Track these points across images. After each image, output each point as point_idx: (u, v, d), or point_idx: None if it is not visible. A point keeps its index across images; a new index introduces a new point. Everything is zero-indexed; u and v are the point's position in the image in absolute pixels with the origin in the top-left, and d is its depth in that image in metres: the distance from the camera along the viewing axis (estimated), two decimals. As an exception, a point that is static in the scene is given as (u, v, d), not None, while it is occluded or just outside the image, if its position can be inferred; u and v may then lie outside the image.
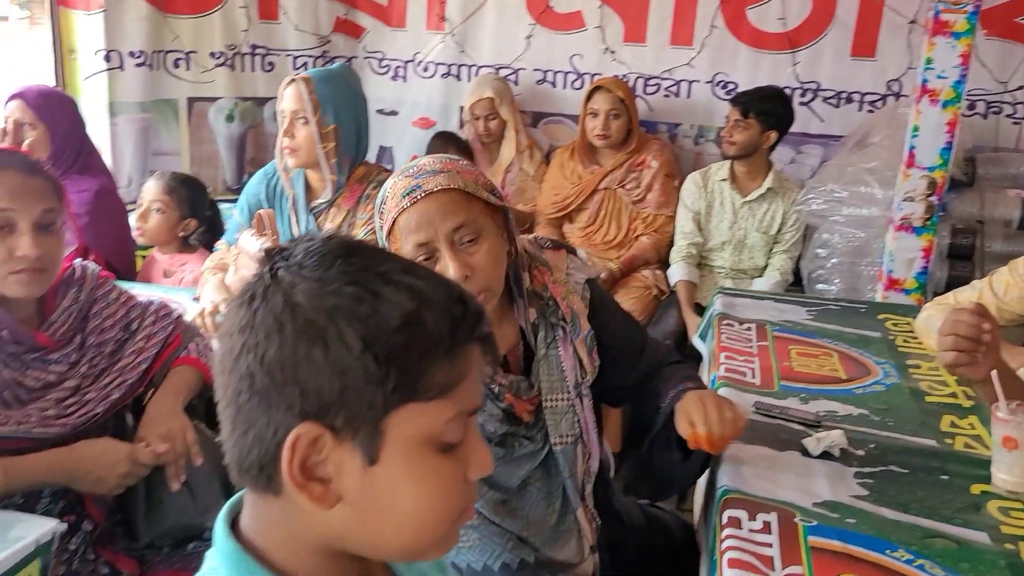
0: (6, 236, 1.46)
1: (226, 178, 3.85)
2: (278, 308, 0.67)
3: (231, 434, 0.71)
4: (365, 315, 0.66)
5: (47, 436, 1.49)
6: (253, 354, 0.67)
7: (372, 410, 0.67)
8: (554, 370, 1.43)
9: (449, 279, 0.74)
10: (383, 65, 3.96)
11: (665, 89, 3.64)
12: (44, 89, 2.69)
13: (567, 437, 1.44)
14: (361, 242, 0.74)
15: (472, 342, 0.72)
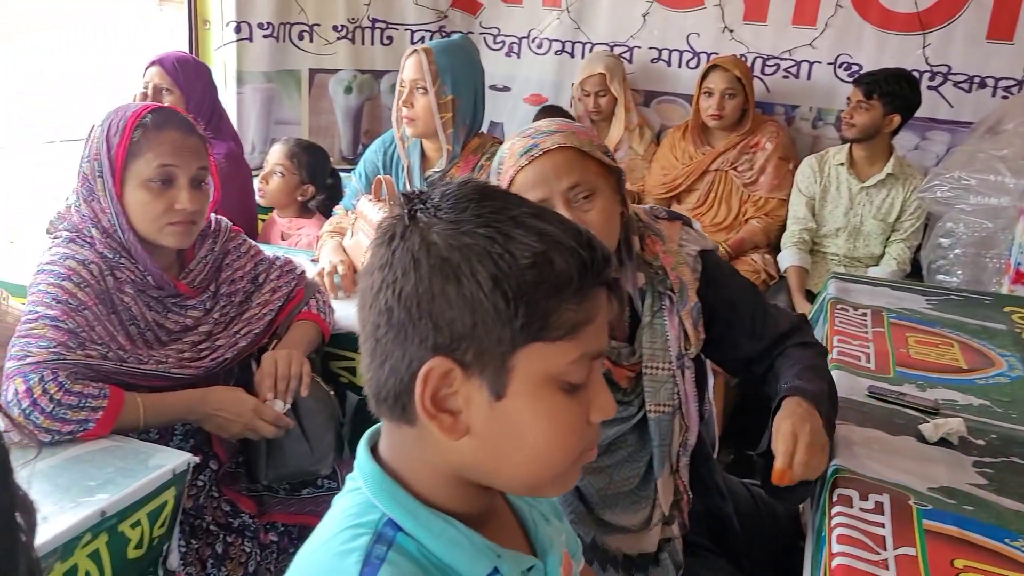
0: (166, 190, 1.56)
1: (342, 148, 3.97)
2: (415, 247, 0.71)
3: (369, 366, 0.75)
4: (496, 254, 0.69)
5: (182, 377, 1.60)
6: (391, 290, 0.71)
7: (500, 346, 0.70)
8: (658, 338, 1.44)
9: (577, 225, 0.76)
10: (498, 41, 3.99)
11: (784, 70, 3.54)
12: (181, 56, 2.83)
13: (664, 407, 1.45)
14: (494, 187, 0.77)
15: (600, 286, 0.73)
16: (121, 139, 1.53)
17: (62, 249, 1.53)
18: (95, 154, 1.55)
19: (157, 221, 1.57)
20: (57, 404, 1.36)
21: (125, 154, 1.53)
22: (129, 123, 1.54)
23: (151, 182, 1.55)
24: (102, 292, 1.52)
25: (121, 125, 1.54)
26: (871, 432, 1.49)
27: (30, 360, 1.38)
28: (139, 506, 1.30)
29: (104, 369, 1.46)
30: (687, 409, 1.48)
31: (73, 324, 1.43)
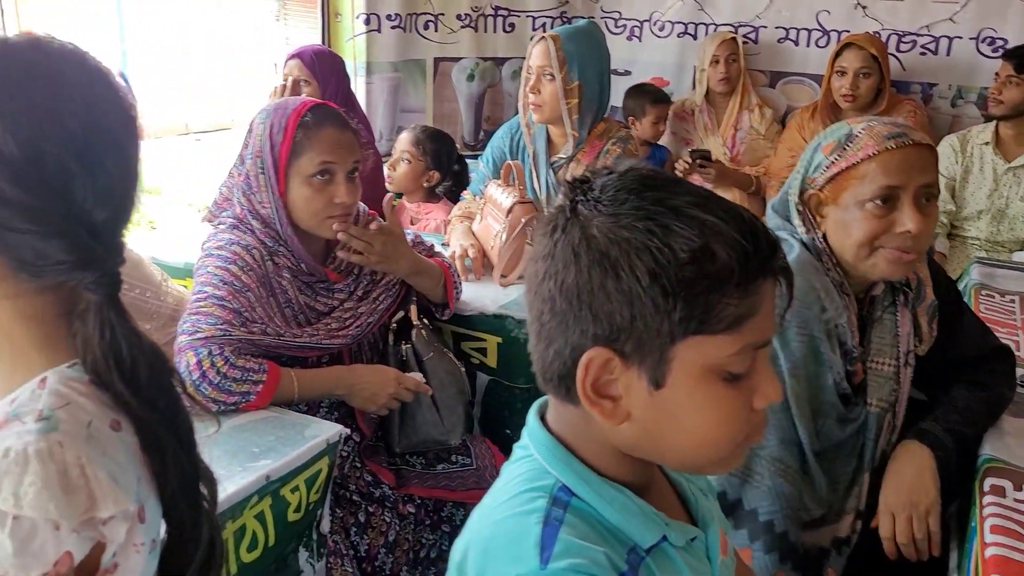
0: (326, 185, 1.65)
1: (464, 135, 4.05)
2: (575, 239, 0.72)
3: (535, 347, 0.78)
4: (655, 248, 0.69)
5: (332, 346, 1.70)
6: (553, 280, 0.73)
7: (659, 339, 0.70)
8: (887, 333, 1.40)
9: (742, 212, 0.74)
10: (619, 25, 3.98)
11: (921, 46, 3.39)
12: (318, 49, 2.96)
13: (883, 403, 1.40)
14: (655, 175, 0.76)
15: (765, 276, 0.72)
16: (284, 138, 1.62)
17: (227, 235, 1.64)
18: (258, 151, 1.64)
19: (318, 215, 1.66)
20: (223, 377, 1.47)
21: (288, 152, 1.63)
22: (291, 122, 1.63)
23: (313, 178, 1.64)
24: (263, 276, 1.62)
25: (283, 124, 1.63)
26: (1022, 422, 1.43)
27: (200, 335, 1.49)
28: (297, 472, 1.39)
29: (264, 344, 1.56)
30: (899, 408, 1.43)
31: (237, 304, 1.54)
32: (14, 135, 0.70)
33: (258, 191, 1.66)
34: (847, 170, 1.29)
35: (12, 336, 0.77)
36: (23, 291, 0.76)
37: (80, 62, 0.76)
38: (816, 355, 1.31)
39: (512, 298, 2.10)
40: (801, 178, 1.36)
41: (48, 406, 0.72)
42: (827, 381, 1.33)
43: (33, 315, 0.77)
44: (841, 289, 1.34)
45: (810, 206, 1.35)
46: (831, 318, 1.31)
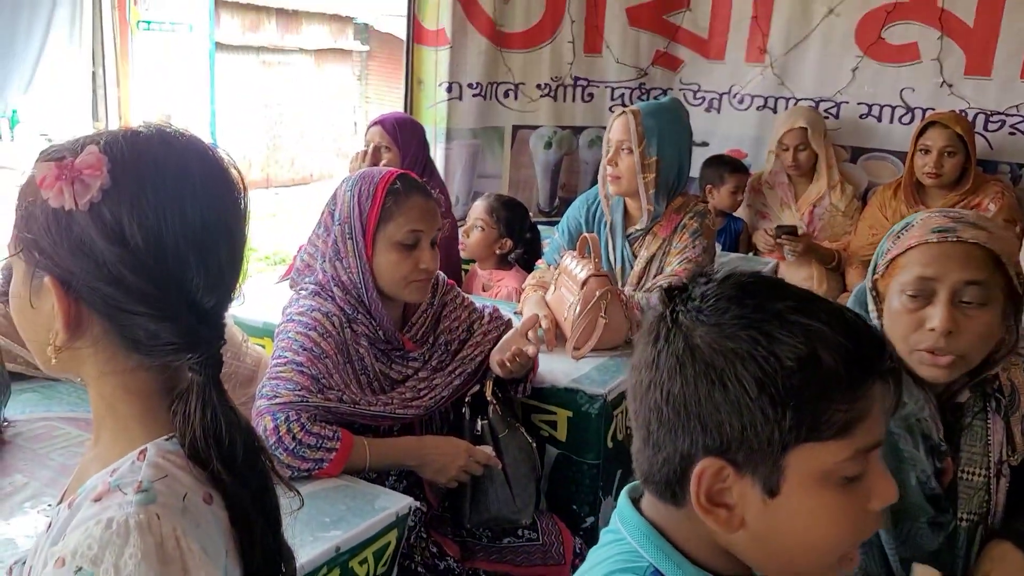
0: (412, 251, 1.71)
1: (539, 201, 4.09)
2: (680, 350, 0.73)
3: (642, 451, 0.78)
4: (761, 357, 0.69)
5: (406, 416, 1.71)
6: (660, 391, 0.74)
7: (771, 448, 0.70)
8: (977, 442, 1.34)
9: (846, 314, 0.73)
10: (698, 97, 4.00)
11: (1011, 126, 3.32)
12: (399, 117, 3.04)
13: (974, 515, 1.33)
14: (754, 281, 0.76)
15: (873, 378, 0.72)
16: (373, 204, 1.68)
17: (308, 301, 1.68)
18: (346, 217, 1.69)
19: (405, 279, 1.71)
20: (299, 443, 1.48)
21: (377, 218, 1.68)
22: (380, 189, 1.69)
23: (400, 244, 1.70)
24: (341, 343, 1.65)
25: (372, 191, 1.68)
26: None
27: (279, 400, 1.52)
28: (367, 544, 1.38)
29: (339, 411, 1.58)
30: (993, 520, 1.35)
31: (316, 371, 1.57)
32: (140, 225, 0.73)
33: (345, 256, 1.70)
34: (896, 258, 1.27)
35: (116, 409, 0.80)
36: (131, 368, 0.78)
37: (201, 154, 0.80)
38: (895, 451, 1.25)
39: (584, 372, 2.08)
40: (873, 264, 1.34)
41: (147, 478, 0.74)
42: (910, 480, 1.27)
43: (138, 390, 0.79)
44: (920, 385, 1.28)
45: (876, 292, 1.32)
46: (910, 412, 1.26)
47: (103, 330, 0.77)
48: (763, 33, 3.73)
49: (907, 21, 3.43)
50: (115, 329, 0.76)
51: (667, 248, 2.43)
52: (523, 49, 3.82)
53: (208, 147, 0.81)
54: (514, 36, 3.79)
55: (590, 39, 3.92)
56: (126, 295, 0.74)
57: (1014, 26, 3.24)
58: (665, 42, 3.97)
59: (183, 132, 0.80)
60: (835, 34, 3.58)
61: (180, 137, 0.80)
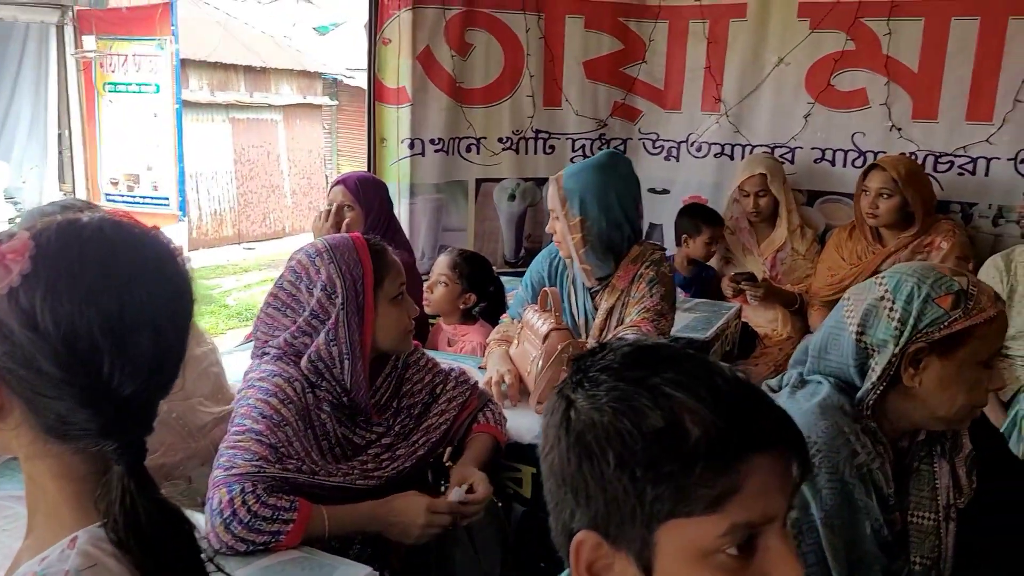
0: (403, 303, 1.77)
1: (505, 252, 4.12)
2: (558, 421, 0.74)
3: (549, 505, 0.78)
4: (625, 431, 0.69)
5: (366, 487, 1.69)
6: (547, 461, 0.76)
7: (638, 524, 0.69)
8: (925, 486, 1.37)
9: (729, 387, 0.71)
10: (656, 145, 4.08)
11: (959, 167, 3.41)
12: (362, 176, 3.07)
13: (926, 559, 1.35)
14: (651, 351, 0.75)
15: (749, 451, 0.69)
16: (365, 268, 1.70)
17: (270, 366, 1.67)
18: (337, 288, 1.68)
19: (405, 330, 1.78)
20: (254, 516, 1.47)
21: (373, 279, 1.71)
22: (363, 253, 1.72)
23: (396, 299, 1.75)
24: (302, 409, 1.64)
25: (357, 257, 1.71)
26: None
27: (235, 471, 1.50)
28: (326, 617, 1.37)
29: (297, 482, 1.57)
30: (945, 565, 1.37)
31: (275, 439, 1.56)
32: (52, 312, 0.74)
33: (334, 327, 1.68)
34: (970, 328, 1.27)
35: (47, 492, 0.80)
36: (57, 451, 0.79)
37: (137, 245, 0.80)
38: (850, 501, 1.27)
39: (548, 427, 2.08)
40: (909, 328, 1.28)
41: (75, 567, 0.74)
42: (865, 529, 1.28)
43: (67, 474, 0.79)
44: (875, 437, 1.30)
45: (908, 357, 1.30)
46: (863, 462, 1.28)
47: (22, 412, 0.77)
48: (717, 83, 3.82)
49: (855, 68, 3.54)
50: (33, 412, 0.77)
51: (626, 299, 2.45)
52: (484, 104, 3.89)
53: (150, 237, 0.82)
54: (474, 92, 3.86)
55: (549, 93, 4.00)
56: (39, 379, 0.75)
57: (956, 72, 3.34)
58: (623, 93, 4.06)
59: (133, 225, 0.81)
60: (786, 82, 3.68)
61: (118, 227, 0.80)
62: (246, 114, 11.49)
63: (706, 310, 3.15)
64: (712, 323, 2.97)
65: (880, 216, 3.21)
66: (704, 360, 0.75)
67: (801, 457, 0.72)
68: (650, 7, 3.93)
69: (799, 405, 1.32)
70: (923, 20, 3.38)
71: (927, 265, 1.35)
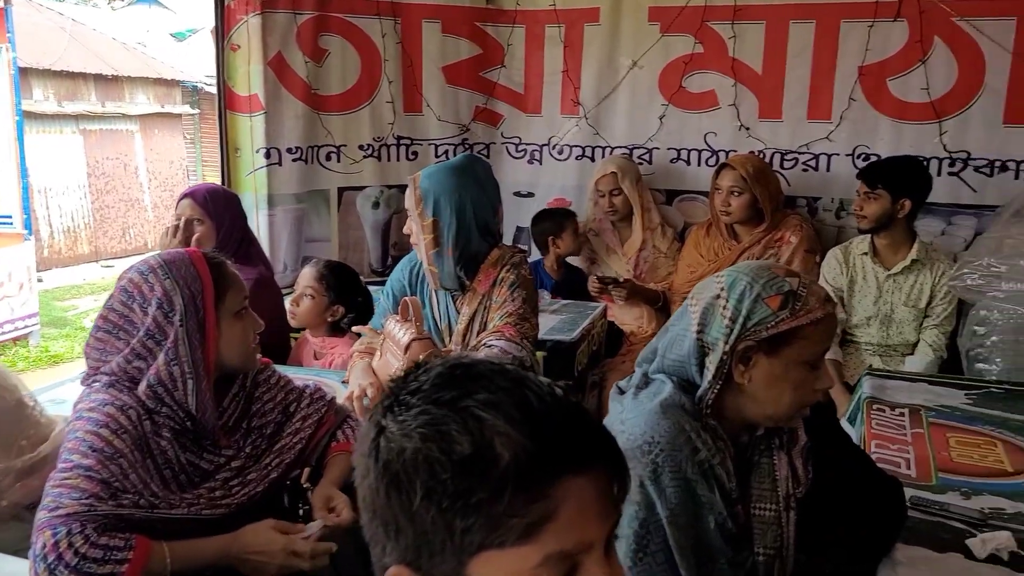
0: (247, 317, 1.69)
1: (371, 261, 4.05)
2: (367, 450, 0.69)
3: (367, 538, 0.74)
4: (433, 459, 0.65)
5: (213, 517, 1.59)
6: (359, 490, 0.71)
7: (449, 558, 0.65)
8: (765, 478, 1.39)
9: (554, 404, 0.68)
10: (519, 149, 4.10)
11: (803, 163, 3.58)
12: (211, 188, 2.93)
13: (769, 550, 1.37)
14: (464, 370, 0.71)
15: (560, 477, 0.66)
16: (204, 283, 1.60)
17: (101, 395, 1.55)
18: (172, 306, 1.58)
19: (250, 346, 1.69)
20: (82, 558, 1.35)
21: (214, 296, 1.61)
22: (202, 267, 1.62)
23: (239, 313, 1.66)
24: (139, 438, 1.53)
25: (194, 272, 1.60)
26: (917, 550, 1.43)
27: (61, 512, 1.39)
28: (167, 661, 1.28)
29: (135, 518, 1.46)
30: (787, 553, 1.39)
31: (107, 473, 1.45)
32: None
33: (173, 347, 1.57)
34: (795, 329, 1.30)
35: None
36: None
37: None
38: (694, 498, 1.29)
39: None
40: (739, 327, 1.31)
41: None
42: (709, 524, 1.31)
43: None
44: (715, 433, 1.33)
45: (738, 355, 1.32)
46: (705, 459, 1.30)
47: None
48: (575, 86, 3.88)
49: (704, 71, 3.66)
50: None
51: (487, 303, 2.42)
52: (342, 111, 3.81)
53: None
54: (331, 99, 3.77)
55: (409, 98, 3.95)
56: None
57: (796, 72, 3.51)
58: (484, 98, 4.06)
59: None
60: (641, 85, 3.77)
61: None
62: (99, 125, 10.90)
63: (572, 311, 3.18)
64: (578, 324, 3.00)
65: (732, 213, 3.33)
66: (519, 376, 0.71)
67: (621, 475, 0.70)
68: (507, 12, 3.95)
69: (642, 405, 1.33)
70: (764, 23, 3.53)
71: (764, 264, 1.38)
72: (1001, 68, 3.21)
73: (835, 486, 1.41)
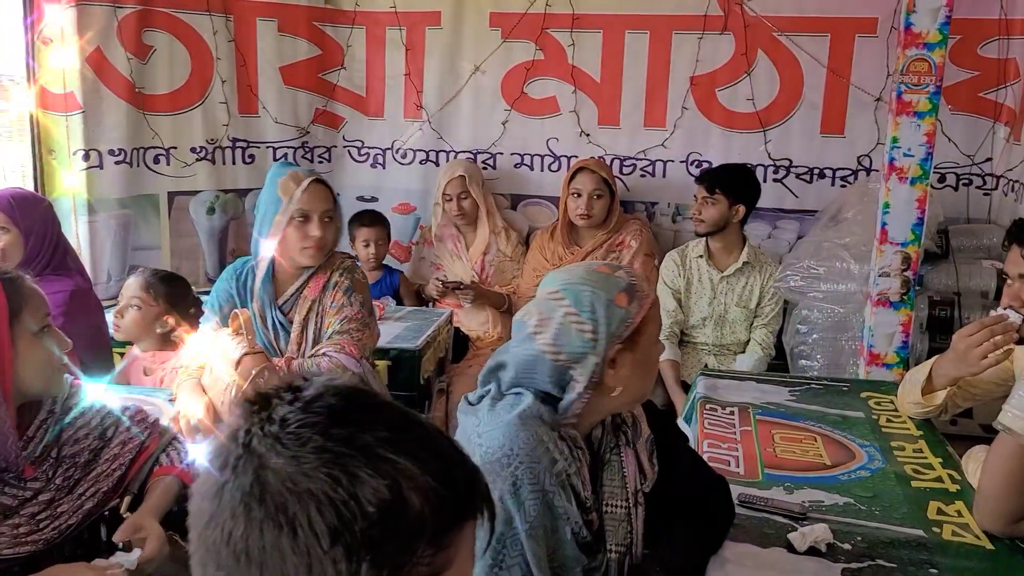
0: (49, 334, 1.56)
1: (207, 270, 3.84)
2: (246, 486, 0.62)
3: None
4: (340, 502, 0.61)
5: (18, 556, 1.45)
6: (220, 530, 0.63)
7: None
8: (616, 475, 1.39)
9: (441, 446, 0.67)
10: (362, 153, 4.01)
11: (641, 169, 3.69)
12: (17, 192, 2.68)
13: (620, 547, 1.37)
14: (349, 402, 0.67)
15: (464, 521, 0.65)
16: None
17: None
18: None
19: (53, 367, 1.56)
20: None
21: (7, 312, 1.47)
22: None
23: (38, 334, 1.52)
24: None
25: None
26: (743, 547, 1.49)
27: None
28: None
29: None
30: (636, 550, 1.40)
31: None
32: None
33: None
34: (645, 317, 1.34)
35: None
36: None
37: None
38: (551, 510, 1.28)
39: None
40: (603, 335, 1.30)
41: None
42: (566, 535, 1.30)
43: None
44: (574, 442, 1.33)
45: (609, 360, 1.32)
46: (562, 469, 1.29)
47: None
48: (417, 90, 3.84)
49: (545, 77, 3.71)
50: None
51: (320, 309, 2.33)
52: (170, 112, 3.59)
53: None
54: (158, 98, 3.55)
55: (244, 99, 3.79)
56: None
57: (632, 81, 3.62)
58: (324, 100, 3.95)
59: None
60: (483, 90, 3.78)
61: None
62: None
63: (416, 318, 3.14)
64: (423, 331, 2.96)
65: (595, 216, 3.38)
66: (404, 410, 0.68)
67: (492, 519, 0.68)
68: (346, 12, 3.85)
69: (499, 417, 1.30)
70: (601, 32, 3.62)
71: (586, 267, 1.39)
72: (817, 82, 3.43)
73: (673, 482, 1.44)
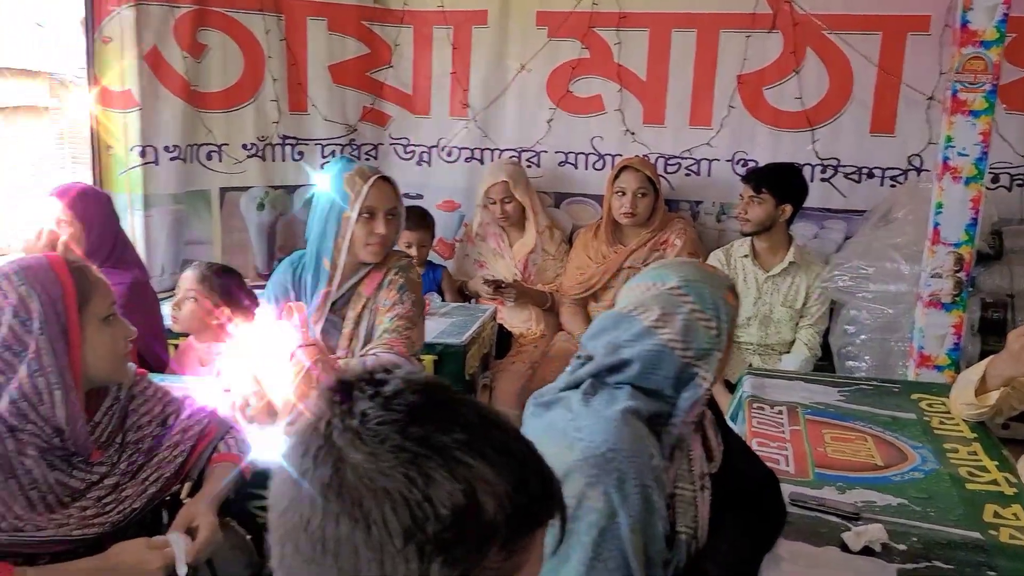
0: (116, 323, 1.61)
1: (256, 264, 3.92)
2: (325, 478, 0.64)
3: (279, 568, 0.68)
4: (415, 502, 0.61)
5: (84, 537, 1.50)
6: (299, 516, 0.65)
7: None
8: (683, 459, 1.39)
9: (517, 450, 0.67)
10: (408, 151, 4.06)
11: (686, 168, 3.69)
12: (80, 187, 2.76)
13: (689, 529, 1.37)
14: (428, 400, 0.67)
15: (535, 528, 0.65)
16: (64, 288, 1.50)
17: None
18: (30, 314, 1.47)
19: (119, 354, 1.60)
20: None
21: (76, 302, 1.51)
22: (61, 271, 1.51)
23: (106, 319, 1.57)
24: (1, 458, 1.43)
25: (53, 276, 1.50)
26: (797, 545, 1.49)
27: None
28: None
29: (-4, 544, 1.36)
30: (700, 534, 1.39)
31: (-37, 498, 1.34)
32: None
33: (37, 356, 1.47)
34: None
35: None
36: None
37: None
38: (649, 504, 1.28)
39: (298, 449, 1.98)
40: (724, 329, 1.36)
41: None
42: (658, 529, 1.30)
43: None
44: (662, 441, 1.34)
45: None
46: (658, 464, 1.30)
47: None
48: (463, 88, 3.87)
49: (590, 76, 3.72)
50: None
51: (373, 306, 2.37)
52: (223, 109, 3.67)
53: None
54: (211, 96, 3.63)
55: (294, 97, 3.85)
56: None
57: (678, 79, 3.62)
58: (372, 98, 4.00)
59: None
60: (529, 89, 3.80)
61: None
62: (-47, 117, 10.16)
63: (461, 314, 3.17)
64: (468, 327, 2.99)
65: (639, 214, 3.38)
66: (482, 410, 0.68)
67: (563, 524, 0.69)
68: (394, 11, 3.90)
69: (600, 412, 1.31)
70: (648, 31, 3.62)
71: (689, 263, 1.42)
72: (867, 80, 3.40)
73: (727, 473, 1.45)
